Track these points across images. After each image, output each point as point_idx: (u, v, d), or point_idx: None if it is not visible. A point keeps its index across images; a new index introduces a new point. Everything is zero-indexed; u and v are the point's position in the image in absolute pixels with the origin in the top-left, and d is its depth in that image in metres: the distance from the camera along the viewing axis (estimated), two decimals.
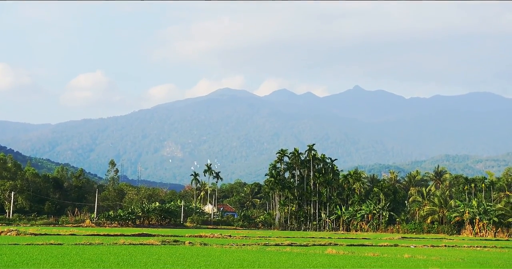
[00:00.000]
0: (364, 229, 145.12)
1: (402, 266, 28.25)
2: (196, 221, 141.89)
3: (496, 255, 45.60)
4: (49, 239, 47.07)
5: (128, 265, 23.50)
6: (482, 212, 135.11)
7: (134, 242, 46.36)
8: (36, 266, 21.53)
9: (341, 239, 74.87)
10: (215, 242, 53.51)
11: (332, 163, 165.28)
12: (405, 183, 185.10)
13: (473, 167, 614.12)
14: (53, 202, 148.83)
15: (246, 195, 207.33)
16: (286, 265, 25.86)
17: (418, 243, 67.37)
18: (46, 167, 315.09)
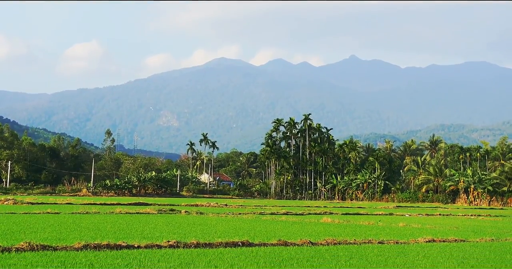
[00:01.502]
0: (359, 198, 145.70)
1: (397, 235, 28.51)
2: (192, 190, 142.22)
3: (490, 224, 45.96)
4: (46, 208, 47.30)
5: (125, 234, 23.72)
6: (476, 181, 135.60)
7: (130, 211, 46.61)
8: (34, 235, 21.75)
9: (336, 208, 75.24)
10: (211, 211, 53.79)
11: (328, 132, 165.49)
12: (400, 153, 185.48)
13: (468, 137, 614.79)
14: (49, 172, 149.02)
15: (242, 165, 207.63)
16: (281, 234, 26.11)
17: (413, 212, 67.76)
18: (42, 136, 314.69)
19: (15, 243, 17.78)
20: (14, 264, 13.88)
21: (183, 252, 17.58)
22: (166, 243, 19.31)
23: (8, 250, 16.40)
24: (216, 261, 15.66)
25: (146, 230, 26.58)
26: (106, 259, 15.34)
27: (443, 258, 18.48)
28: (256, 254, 17.65)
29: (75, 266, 13.84)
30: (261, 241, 21.72)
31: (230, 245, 20.02)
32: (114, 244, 18.43)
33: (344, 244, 22.39)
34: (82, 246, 17.61)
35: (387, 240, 24.45)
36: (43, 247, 17.09)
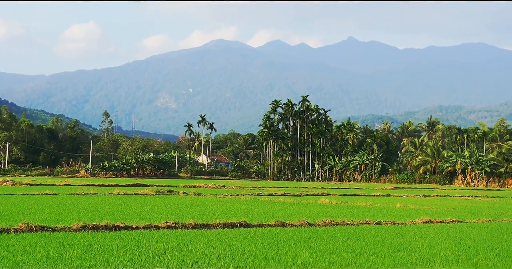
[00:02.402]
0: (357, 179, 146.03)
1: (394, 216, 28.61)
2: (190, 172, 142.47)
3: (487, 205, 46.08)
4: (44, 189, 47.37)
5: (123, 215, 23.80)
6: (474, 162, 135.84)
7: (128, 192, 46.68)
8: (32, 216, 21.82)
9: (334, 189, 75.35)
10: (209, 192, 53.88)
11: (326, 114, 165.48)
12: (398, 134, 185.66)
13: (466, 118, 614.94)
14: (48, 153, 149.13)
15: (240, 146, 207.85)
16: (279, 215, 26.21)
17: (410, 193, 67.90)
18: (40, 118, 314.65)
19: (14, 224, 17.86)
20: (12, 245, 13.95)
21: (181, 233, 17.66)
22: (164, 224, 19.39)
23: (7, 231, 16.47)
24: (214, 242, 15.75)
25: (144, 211, 26.67)
26: (104, 240, 15.41)
27: (440, 238, 18.58)
28: (254, 235, 17.73)
29: (74, 247, 13.91)
30: (259, 222, 21.81)
31: (228, 226, 20.10)
32: (112, 225, 18.51)
33: (341, 225, 22.49)
34: (80, 227, 17.68)
35: (384, 221, 24.55)
36: (41, 228, 17.16)
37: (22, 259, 11.85)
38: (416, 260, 13.67)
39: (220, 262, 12.25)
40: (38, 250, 13.15)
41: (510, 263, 13.80)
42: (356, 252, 14.63)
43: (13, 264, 11.23)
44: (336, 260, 13.14)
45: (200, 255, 13.18)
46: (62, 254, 12.61)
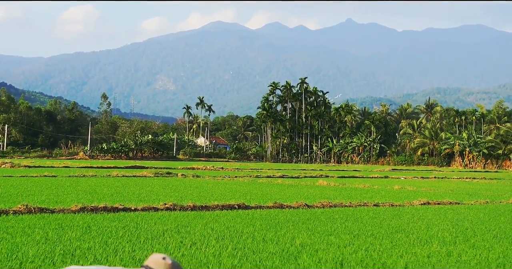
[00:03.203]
0: (355, 161, 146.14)
1: (392, 198, 28.69)
2: (189, 154, 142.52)
3: (485, 186, 46.19)
4: (43, 171, 47.44)
5: (121, 197, 23.86)
6: (472, 144, 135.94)
7: (127, 174, 46.76)
8: (31, 197, 21.87)
9: (332, 171, 75.47)
10: (207, 174, 53.97)
11: (324, 96, 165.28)
12: (396, 116, 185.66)
13: (464, 100, 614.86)
14: (46, 135, 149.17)
15: (238, 128, 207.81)
16: (277, 197, 26.27)
17: (408, 175, 68.02)
18: (39, 100, 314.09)
19: (13, 205, 17.90)
20: (11, 226, 14.00)
21: (179, 214, 17.72)
22: (163, 206, 19.44)
23: (6, 213, 16.52)
24: (213, 223, 15.80)
25: (142, 193, 26.73)
26: (103, 221, 15.46)
27: (437, 220, 18.65)
28: (252, 216, 17.79)
29: (72, 228, 13.95)
30: (257, 204, 21.87)
31: (226, 208, 20.16)
32: (111, 206, 18.56)
33: (339, 206, 22.56)
34: (79, 209, 17.73)
35: (382, 203, 24.62)
36: (40, 210, 17.21)
37: (21, 240, 11.90)
38: (414, 241, 13.74)
39: (219, 244, 12.30)
40: (37, 231, 13.20)
41: (508, 244, 13.87)
42: (354, 233, 14.70)
43: (12, 245, 11.28)
44: (334, 241, 13.20)
45: (198, 237, 13.24)
46: (61, 236, 12.66)
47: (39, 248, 11.04)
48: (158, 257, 5.05)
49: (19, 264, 9.52)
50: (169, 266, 4.99)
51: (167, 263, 4.99)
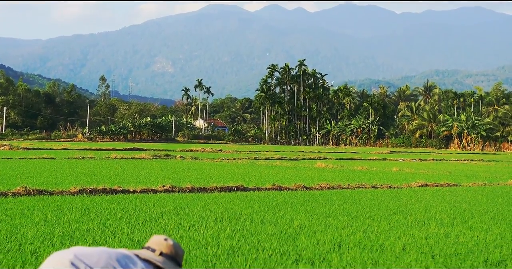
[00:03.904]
0: (353, 144, 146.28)
1: (390, 180, 28.73)
2: (187, 136, 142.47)
3: (483, 168, 46.26)
4: (41, 153, 47.44)
5: (120, 179, 23.89)
6: (470, 126, 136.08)
7: (125, 156, 46.76)
8: (30, 179, 21.89)
9: (330, 153, 75.54)
10: (206, 156, 53.98)
11: (323, 78, 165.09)
12: (394, 98, 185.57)
13: (462, 82, 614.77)
14: (45, 117, 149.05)
15: (237, 110, 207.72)
16: (276, 179, 26.31)
17: (406, 157, 68.09)
18: (37, 82, 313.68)
19: (12, 188, 17.92)
20: (10, 208, 14.02)
21: (178, 196, 17.75)
22: (161, 188, 19.47)
23: (5, 195, 16.54)
24: (211, 205, 15.83)
25: (141, 175, 26.76)
26: (102, 203, 15.48)
27: (435, 202, 18.70)
28: (250, 198, 17.83)
29: (71, 210, 13.98)
30: (256, 186, 21.90)
31: (225, 190, 20.20)
32: (110, 188, 18.59)
33: (337, 188, 22.60)
34: (78, 191, 17.76)
35: (380, 185, 24.67)
36: (39, 192, 17.23)
37: (20, 222, 11.94)
38: (412, 223, 13.78)
39: (217, 225, 12.34)
40: (36, 213, 13.24)
41: (505, 226, 13.92)
42: (352, 215, 14.74)
43: (11, 227, 11.31)
44: (332, 223, 13.24)
45: (197, 219, 13.27)
46: (60, 218, 12.70)
47: (38, 229, 11.08)
48: (160, 238, 5.09)
49: (18, 245, 9.56)
50: (171, 247, 5.03)
51: (168, 244, 5.03)
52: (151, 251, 4.98)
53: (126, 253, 4.90)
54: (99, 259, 4.66)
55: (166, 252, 4.99)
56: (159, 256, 4.96)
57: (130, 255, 4.89)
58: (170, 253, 5.00)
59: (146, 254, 4.96)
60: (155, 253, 4.96)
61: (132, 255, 4.91)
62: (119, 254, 4.83)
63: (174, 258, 5.01)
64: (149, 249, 4.99)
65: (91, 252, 4.74)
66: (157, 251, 4.97)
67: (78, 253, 4.67)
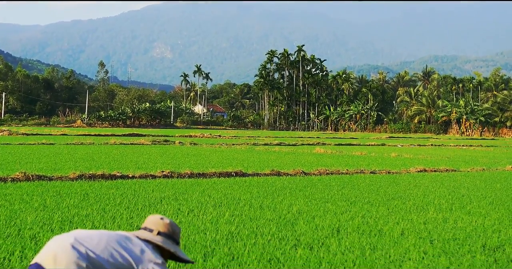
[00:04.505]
0: (352, 129, 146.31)
1: (389, 165, 28.77)
2: (186, 122, 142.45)
3: (482, 154, 46.32)
4: (40, 139, 47.40)
5: (119, 164, 23.91)
6: (469, 111, 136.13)
7: (124, 142, 46.75)
8: (29, 165, 21.91)
9: (329, 138, 75.52)
10: (204, 141, 54.01)
11: (322, 63, 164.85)
12: (393, 84, 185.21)
13: (461, 68, 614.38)
14: (44, 103, 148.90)
15: (236, 96, 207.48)
16: (274, 164, 26.34)
17: (405, 143, 68.15)
18: (36, 68, 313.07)
19: (11, 173, 17.94)
20: (10, 193, 14.04)
21: (177, 182, 17.78)
22: (160, 173, 19.50)
23: (4, 180, 16.56)
24: (210, 190, 15.86)
25: (140, 160, 26.78)
26: (101, 189, 15.51)
27: (434, 187, 18.74)
28: (249, 184, 17.85)
29: (71, 195, 14.00)
30: (254, 171, 21.94)
31: (224, 175, 20.22)
32: (109, 174, 18.61)
33: (336, 174, 22.63)
34: (77, 176, 17.78)
35: (379, 170, 24.71)
36: (38, 177, 17.25)
37: (19, 207, 11.96)
38: (410, 208, 13.82)
39: (216, 211, 12.37)
40: (35, 199, 13.26)
41: (503, 211, 13.96)
42: (350, 200, 14.77)
43: (11, 212, 11.34)
44: (331, 208, 13.28)
45: (196, 204, 13.30)
46: (59, 203, 12.72)
47: (37, 215, 11.10)
48: (156, 218, 5.13)
49: (18, 231, 9.59)
50: (167, 225, 5.07)
51: (165, 223, 5.07)
52: (149, 231, 5.03)
53: (125, 234, 4.95)
54: (99, 242, 4.71)
55: (164, 231, 5.03)
56: (157, 235, 5.00)
57: (130, 236, 4.94)
58: (168, 231, 5.05)
59: (145, 235, 5.00)
60: (152, 233, 5.01)
61: (132, 236, 4.95)
62: (119, 236, 4.88)
63: (171, 236, 5.07)
64: (147, 230, 5.04)
65: (91, 235, 4.78)
66: (154, 230, 5.02)
67: (79, 236, 4.71)
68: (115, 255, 4.66)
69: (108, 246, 4.68)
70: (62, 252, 4.52)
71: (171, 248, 4.99)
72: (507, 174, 25.79)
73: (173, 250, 5.00)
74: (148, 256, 4.80)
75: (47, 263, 4.51)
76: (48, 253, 4.57)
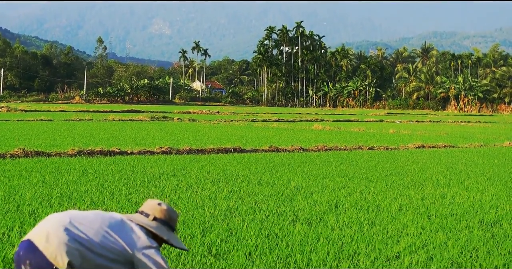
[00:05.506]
0: (350, 106, 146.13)
1: (387, 141, 28.82)
2: (185, 98, 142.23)
3: (480, 130, 46.41)
4: (39, 115, 47.37)
5: (118, 140, 23.92)
6: (467, 88, 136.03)
7: (123, 118, 46.76)
8: (28, 141, 21.92)
9: (327, 115, 75.55)
10: (203, 118, 54.02)
11: (320, 40, 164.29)
12: (392, 60, 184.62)
13: (460, 44, 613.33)
14: (42, 79, 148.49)
15: (234, 72, 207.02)
16: (273, 140, 26.36)
17: (403, 119, 68.21)
18: (34, 44, 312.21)
19: (10, 149, 17.96)
20: (8, 170, 14.07)
21: (175, 158, 17.81)
22: (159, 150, 19.53)
23: (3, 156, 16.58)
24: (209, 166, 15.90)
25: (139, 137, 26.80)
26: (100, 165, 15.54)
27: (432, 163, 18.79)
28: (247, 160, 17.89)
29: (69, 171, 14.03)
30: (253, 148, 21.97)
31: (222, 151, 20.26)
32: (108, 150, 18.63)
33: (334, 150, 22.68)
34: (75, 153, 17.80)
35: (377, 146, 24.76)
36: (37, 153, 17.27)
37: (18, 183, 11.99)
38: (408, 184, 13.87)
39: (214, 187, 12.41)
40: (34, 175, 13.29)
41: (501, 186, 14.01)
42: (349, 176, 14.82)
43: (10, 188, 11.36)
44: (329, 184, 13.32)
45: (194, 180, 13.34)
46: (58, 179, 12.75)
47: (36, 191, 11.13)
48: (154, 203, 5.11)
49: (16, 206, 9.62)
50: (164, 211, 5.05)
51: (162, 209, 5.06)
52: (145, 215, 5.02)
53: (120, 217, 4.95)
54: (93, 225, 4.72)
55: (160, 217, 5.01)
56: (153, 221, 4.99)
57: (125, 219, 4.94)
58: (164, 217, 5.03)
59: (139, 219, 4.99)
60: (148, 218, 4.99)
61: (126, 220, 4.95)
62: (114, 219, 4.88)
63: (167, 222, 5.04)
64: (143, 214, 5.03)
65: (86, 217, 4.79)
66: (150, 216, 5.00)
67: (73, 218, 4.73)
68: (108, 238, 4.67)
69: (101, 230, 4.69)
70: (54, 233, 4.54)
71: (164, 235, 4.96)
72: (505, 150, 25.86)
73: (166, 237, 4.97)
74: (142, 241, 4.80)
75: (39, 241, 4.54)
76: (41, 232, 4.60)
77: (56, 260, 4.47)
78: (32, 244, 4.54)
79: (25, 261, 4.53)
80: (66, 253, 4.48)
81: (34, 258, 4.50)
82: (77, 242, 4.53)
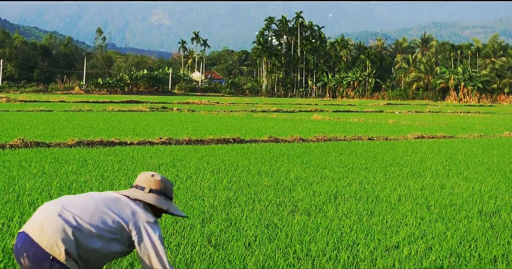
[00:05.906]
0: (350, 96, 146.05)
1: (387, 132, 28.83)
2: (184, 89, 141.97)
3: (479, 120, 46.41)
4: (39, 106, 47.36)
5: (117, 131, 23.93)
6: (467, 78, 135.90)
7: (123, 109, 46.77)
8: (27, 132, 21.93)
9: (327, 105, 75.58)
10: (203, 108, 54.01)
11: (320, 30, 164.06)
12: (391, 50, 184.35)
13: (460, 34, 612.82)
14: (42, 70, 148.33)
15: (234, 63, 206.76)
16: (272, 131, 26.38)
17: (402, 109, 68.21)
18: (34, 35, 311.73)
19: (9, 140, 17.97)
20: (8, 160, 14.08)
21: (175, 148, 17.82)
22: (159, 140, 19.54)
23: (2, 147, 16.59)
24: (208, 157, 15.91)
25: (138, 127, 26.81)
26: (99, 155, 15.55)
27: (431, 154, 18.80)
28: (247, 150, 17.90)
29: (69, 162, 14.04)
30: (252, 138, 21.98)
31: (222, 142, 20.27)
32: (107, 141, 18.64)
33: (334, 140, 22.69)
34: (75, 143, 17.81)
35: (376, 137, 24.77)
36: (36, 144, 17.28)
37: (18, 174, 12.00)
38: (407, 174, 13.88)
39: (214, 177, 12.42)
40: (33, 165, 13.30)
41: (500, 177, 14.03)
42: (348, 167, 14.83)
43: (9, 178, 11.38)
44: (328, 174, 13.33)
45: (194, 170, 13.35)
46: (58, 169, 12.77)
47: (35, 181, 11.14)
48: (147, 175, 5.11)
49: (16, 197, 9.63)
50: (159, 182, 5.04)
51: (156, 180, 5.05)
52: (140, 189, 5.00)
53: (114, 195, 4.94)
54: (87, 207, 4.70)
55: (155, 188, 5.00)
56: (149, 193, 4.98)
57: (119, 196, 4.93)
58: (159, 188, 5.02)
59: (136, 193, 4.97)
60: (144, 191, 4.98)
61: (121, 196, 4.94)
62: (108, 198, 4.87)
63: (163, 192, 5.03)
64: (138, 188, 5.01)
65: (78, 200, 4.78)
66: (146, 188, 4.98)
67: (65, 203, 4.72)
68: (105, 218, 4.66)
69: (96, 211, 4.68)
70: (48, 222, 4.53)
71: (163, 206, 4.95)
72: (504, 141, 25.87)
73: (165, 208, 4.97)
74: (139, 216, 4.80)
75: (34, 233, 4.54)
76: (35, 223, 4.59)
77: (53, 249, 4.46)
78: (28, 236, 4.54)
79: (23, 253, 4.53)
80: (62, 240, 4.46)
81: (31, 250, 4.50)
82: (72, 226, 4.52)
